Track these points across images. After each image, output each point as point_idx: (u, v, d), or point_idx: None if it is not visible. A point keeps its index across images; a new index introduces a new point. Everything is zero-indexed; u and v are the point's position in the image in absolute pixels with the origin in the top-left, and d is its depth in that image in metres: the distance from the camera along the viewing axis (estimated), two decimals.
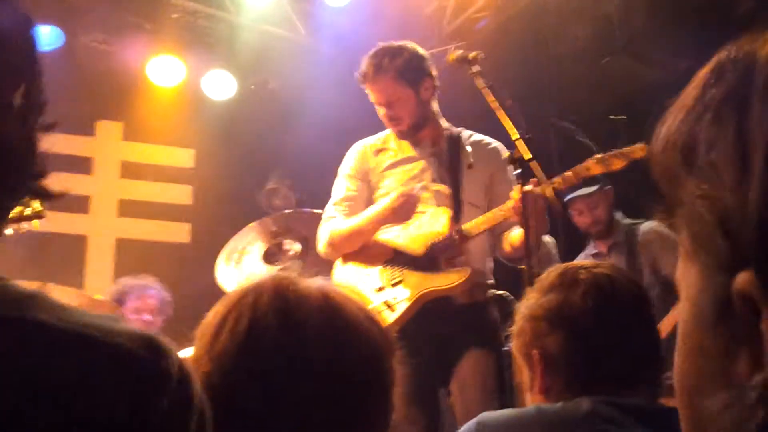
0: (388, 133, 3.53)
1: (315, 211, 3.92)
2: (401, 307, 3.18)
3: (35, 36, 0.83)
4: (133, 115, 6.19)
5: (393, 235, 3.36)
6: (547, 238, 4.31)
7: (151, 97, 5.97)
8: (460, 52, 3.34)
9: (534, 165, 2.88)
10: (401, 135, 3.46)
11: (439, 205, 3.33)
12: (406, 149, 3.46)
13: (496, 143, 3.47)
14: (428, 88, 3.40)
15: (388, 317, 3.15)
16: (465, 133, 3.51)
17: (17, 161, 0.80)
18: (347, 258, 3.40)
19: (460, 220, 3.28)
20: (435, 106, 3.48)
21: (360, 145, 3.57)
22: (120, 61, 5.78)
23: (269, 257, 4.02)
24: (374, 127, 3.56)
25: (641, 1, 4.91)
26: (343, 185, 3.51)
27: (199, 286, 4.42)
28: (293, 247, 4.06)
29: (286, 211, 4.01)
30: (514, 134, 2.93)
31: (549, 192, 2.92)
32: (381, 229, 3.35)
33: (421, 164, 3.41)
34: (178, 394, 0.75)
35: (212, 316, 1.18)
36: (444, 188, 3.37)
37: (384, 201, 3.31)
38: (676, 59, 4.72)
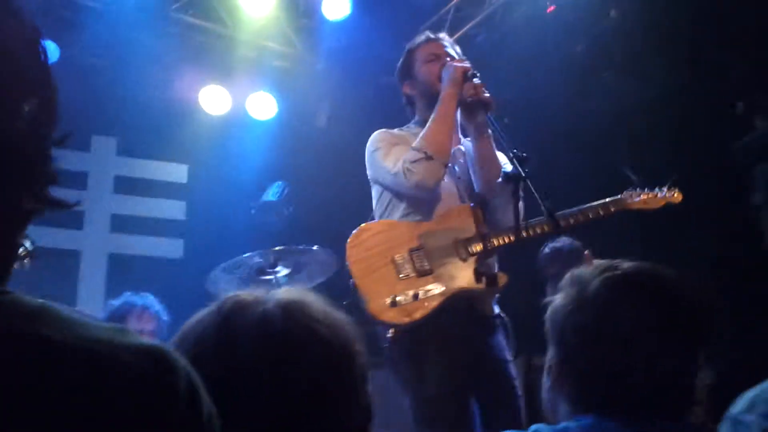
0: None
1: (314, 247, 4.09)
2: (432, 302, 3.01)
3: (44, 48, 0.83)
4: (127, 130, 6.16)
5: (419, 222, 3.19)
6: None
7: (145, 112, 5.94)
8: None
9: (528, 183, 2.84)
10: None
11: (464, 201, 3.21)
12: None
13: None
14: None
15: (415, 312, 2.99)
16: None
17: (30, 166, 0.81)
18: (366, 243, 3.18)
19: (485, 220, 3.17)
20: None
21: (386, 131, 3.41)
22: (116, 76, 5.76)
23: (260, 272, 4.14)
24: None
25: (638, 17, 4.93)
26: (389, 148, 3.29)
27: (191, 302, 4.37)
28: (283, 269, 4.17)
29: (281, 248, 4.10)
30: (509, 152, 2.89)
31: None
32: (404, 215, 3.22)
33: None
34: (187, 408, 0.74)
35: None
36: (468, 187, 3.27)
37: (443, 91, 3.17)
38: (672, 76, 4.73)
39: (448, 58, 3.31)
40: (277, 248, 4.05)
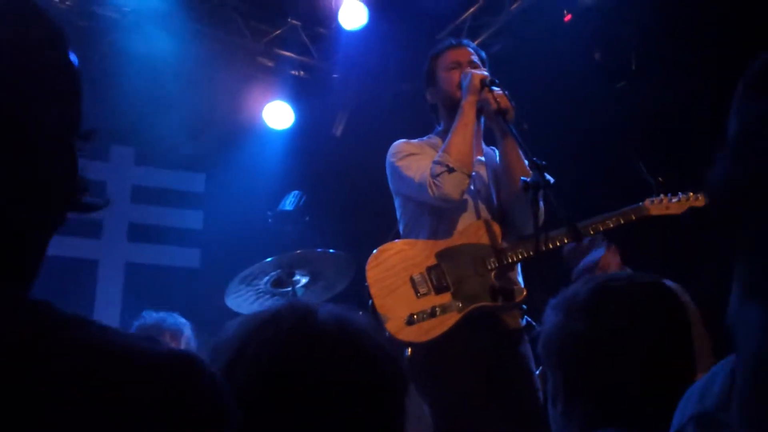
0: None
1: (329, 251, 4.01)
2: (449, 320, 3.03)
3: (68, 53, 0.83)
4: (145, 139, 6.18)
5: (437, 240, 3.19)
6: None
7: (163, 122, 5.96)
8: None
9: (548, 192, 2.82)
10: None
11: (481, 215, 3.23)
12: None
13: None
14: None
15: (432, 330, 3.01)
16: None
17: (57, 178, 0.82)
18: (384, 264, 3.17)
19: (504, 234, 3.18)
20: None
21: (406, 141, 3.39)
22: (133, 86, 5.79)
23: (277, 283, 4.08)
24: (387, 149, 3.48)
25: (656, 24, 4.90)
26: (411, 159, 3.27)
27: (208, 312, 4.39)
28: (302, 278, 4.12)
29: (299, 251, 4.02)
30: (528, 160, 2.88)
31: None
32: (428, 228, 3.23)
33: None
34: (212, 410, 0.79)
35: (227, 343, 1.16)
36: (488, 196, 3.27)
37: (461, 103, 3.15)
38: (689, 84, 4.70)
39: (470, 67, 3.27)
40: (294, 252, 4.00)
